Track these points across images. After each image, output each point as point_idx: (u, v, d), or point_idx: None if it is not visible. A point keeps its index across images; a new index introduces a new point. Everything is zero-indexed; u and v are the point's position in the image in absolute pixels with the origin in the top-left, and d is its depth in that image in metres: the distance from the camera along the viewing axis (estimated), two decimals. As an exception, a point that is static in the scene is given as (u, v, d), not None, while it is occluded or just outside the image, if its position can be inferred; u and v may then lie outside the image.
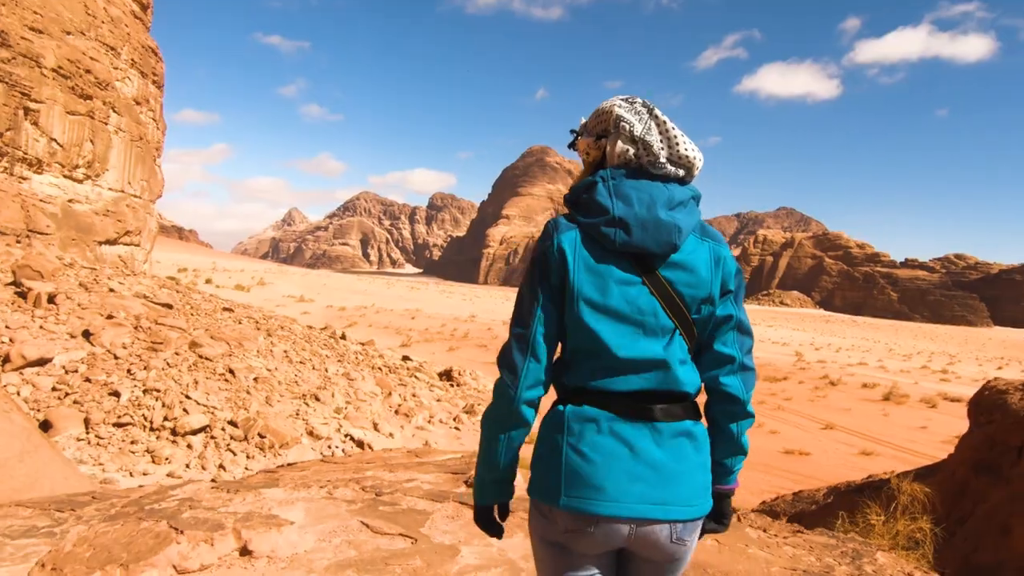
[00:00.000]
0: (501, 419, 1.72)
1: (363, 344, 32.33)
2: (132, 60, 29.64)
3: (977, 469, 6.43)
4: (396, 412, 22.17)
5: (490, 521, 1.82)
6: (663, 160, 1.70)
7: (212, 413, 15.31)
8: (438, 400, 25.58)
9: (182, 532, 2.82)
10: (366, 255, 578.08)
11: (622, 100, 1.77)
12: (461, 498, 3.80)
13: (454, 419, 23.22)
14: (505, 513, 1.84)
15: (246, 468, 14.24)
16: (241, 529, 2.94)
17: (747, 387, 1.73)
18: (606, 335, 1.64)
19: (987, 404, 7.05)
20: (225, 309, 25.75)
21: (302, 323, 33.04)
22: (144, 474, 12.97)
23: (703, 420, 1.75)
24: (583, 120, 1.86)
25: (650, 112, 1.74)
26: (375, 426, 19.61)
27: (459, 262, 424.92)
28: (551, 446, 1.66)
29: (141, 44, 30.49)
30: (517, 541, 3.30)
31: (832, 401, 34.88)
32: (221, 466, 14.05)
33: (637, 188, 1.68)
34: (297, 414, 17.66)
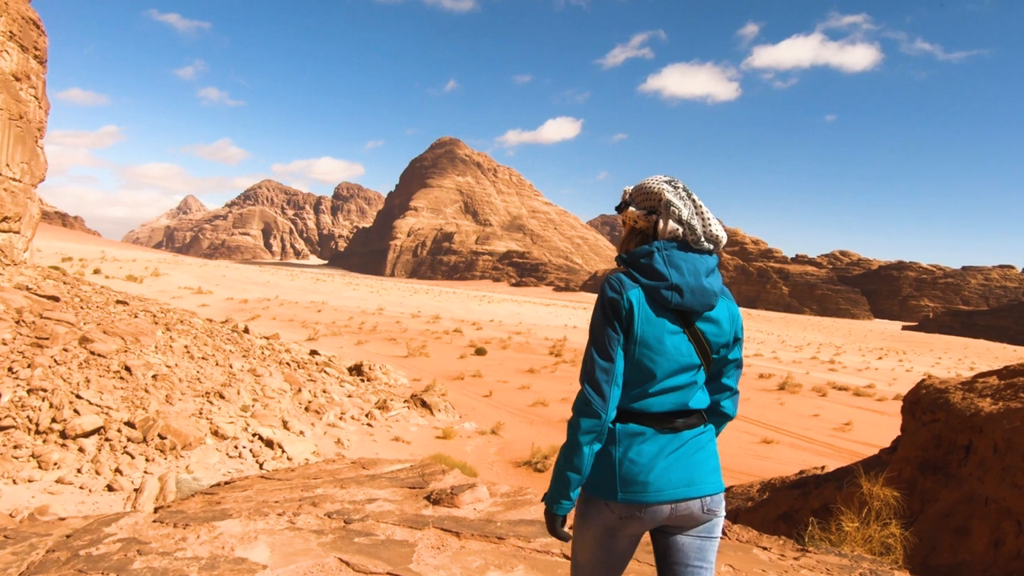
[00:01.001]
0: (593, 432, 2.14)
1: (268, 338, 31.00)
2: (10, 32, 27.12)
3: (924, 468, 6.52)
4: (306, 409, 21.33)
5: (561, 530, 2.22)
6: (702, 238, 2.23)
7: (107, 413, 14.19)
8: (349, 396, 24.83)
9: (137, 589, 2.30)
10: (268, 246, 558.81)
11: (666, 183, 2.28)
12: (441, 523, 3.43)
13: (366, 415, 22.58)
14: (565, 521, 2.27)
15: (145, 472, 13.30)
16: (207, 580, 2.45)
17: (735, 406, 2.41)
18: (657, 372, 2.15)
19: (928, 403, 7.17)
20: (119, 302, 24.04)
21: (202, 316, 31.34)
22: (29, 480, 11.92)
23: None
24: (627, 190, 2.37)
25: (689, 196, 2.28)
26: (284, 424, 18.78)
27: (365, 254, 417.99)
28: (604, 454, 2.16)
29: (21, 15, 27.95)
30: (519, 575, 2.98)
31: (733, 392, 36.19)
32: (118, 470, 13.04)
33: (685, 260, 2.19)
34: (200, 413, 16.65)
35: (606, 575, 2.28)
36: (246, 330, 30.69)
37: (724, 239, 2.27)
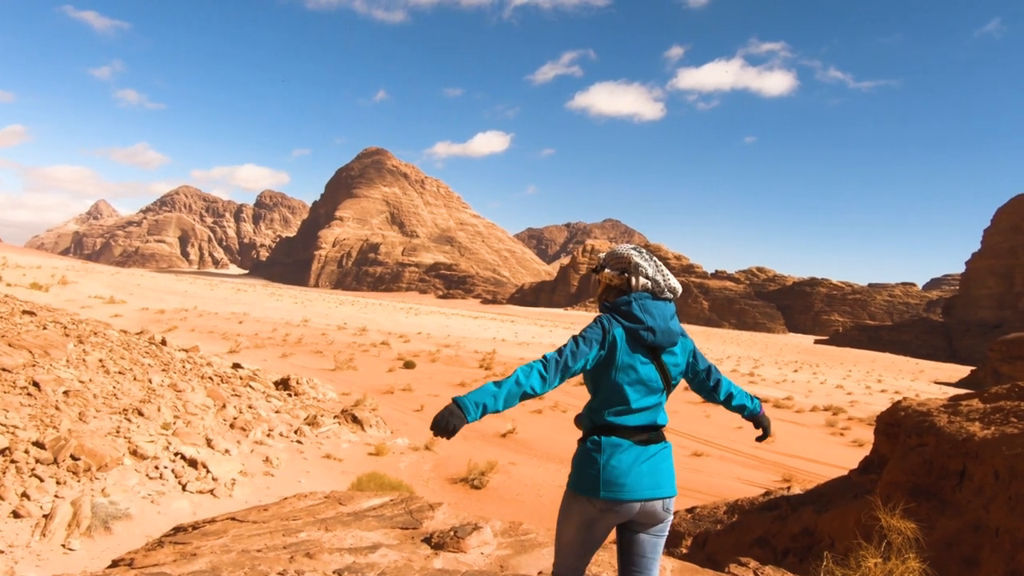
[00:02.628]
0: (526, 385, 2.58)
1: (187, 351, 29.63)
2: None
3: (915, 494, 6.47)
4: (232, 426, 20.42)
5: (455, 431, 2.52)
6: (665, 290, 2.95)
7: (13, 433, 13.19)
8: (277, 412, 23.96)
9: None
10: (185, 254, 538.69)
11: (633, 250, 2.98)
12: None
13: (295, 432, 21.84)
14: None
15: (56, 496, 12.39)
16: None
17: (731, 385, 3.12)
18: (631, 394, 2.76)
19: (912, 425, 7.21)
20: (26, 312, 22.53)
21: (116, 327, 29.72)
22: (-77, 509, 10.86)
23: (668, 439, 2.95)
24: (602, 255, 3.05)
25: (651, 257, 3.00)
26: (209, 442, 17.90)
27: (289, 263, 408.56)
28: (591, 460, 2.72)
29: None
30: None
31: (662, 405, 36.82)
32: (25, 495, 12.10)
33: (655, 307, 2.88)
34: (118, 431, 15.68)
35: (582, 556, 2.82)
36: (163, 342, 29.24)
37: (680, 290, 3.00)
